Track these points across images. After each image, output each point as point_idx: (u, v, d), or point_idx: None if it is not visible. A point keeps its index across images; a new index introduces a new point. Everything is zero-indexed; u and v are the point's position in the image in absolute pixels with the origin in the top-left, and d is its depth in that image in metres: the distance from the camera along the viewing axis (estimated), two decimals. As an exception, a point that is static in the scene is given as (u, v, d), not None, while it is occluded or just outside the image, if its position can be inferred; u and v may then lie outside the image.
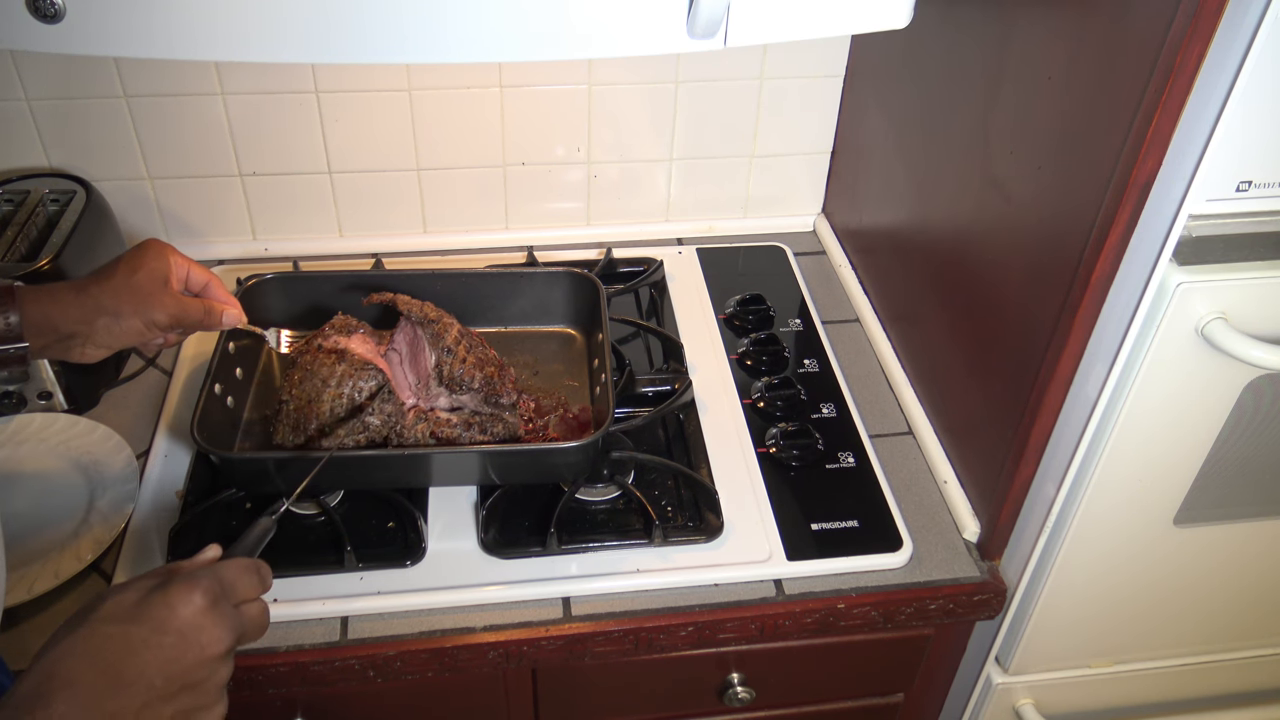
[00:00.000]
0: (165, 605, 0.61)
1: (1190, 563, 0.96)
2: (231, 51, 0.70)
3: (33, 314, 0.83)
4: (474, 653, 0.91)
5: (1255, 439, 0.87)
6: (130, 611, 0.60)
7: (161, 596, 0.61)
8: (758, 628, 0.95)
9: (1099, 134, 0.77)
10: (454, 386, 0.98)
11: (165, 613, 0.60)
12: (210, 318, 0.92)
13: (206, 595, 0.62)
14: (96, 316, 0.85)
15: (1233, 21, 0.66)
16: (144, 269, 0.88)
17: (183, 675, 0.60)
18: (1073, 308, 0.82)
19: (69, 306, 0.85)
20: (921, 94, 1.11)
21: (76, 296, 0.85)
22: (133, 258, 0.89)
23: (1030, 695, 1.07)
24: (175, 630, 0.60)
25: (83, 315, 0.85)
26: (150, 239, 0.92)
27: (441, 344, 0.99)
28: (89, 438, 1.05)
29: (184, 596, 0.61)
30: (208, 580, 0.63)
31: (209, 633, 0.61)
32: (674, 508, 1.02)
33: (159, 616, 0.60)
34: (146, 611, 0.60)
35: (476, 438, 0.97)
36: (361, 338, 1.02)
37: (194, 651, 0.61)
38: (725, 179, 1.39)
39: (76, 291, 0.86)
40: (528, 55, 0.73)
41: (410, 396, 0.99)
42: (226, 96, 1.20)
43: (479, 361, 1.00)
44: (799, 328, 1.25)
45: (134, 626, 0.59)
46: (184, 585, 0.61)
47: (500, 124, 1.28)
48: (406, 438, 0.96)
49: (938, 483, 1.06)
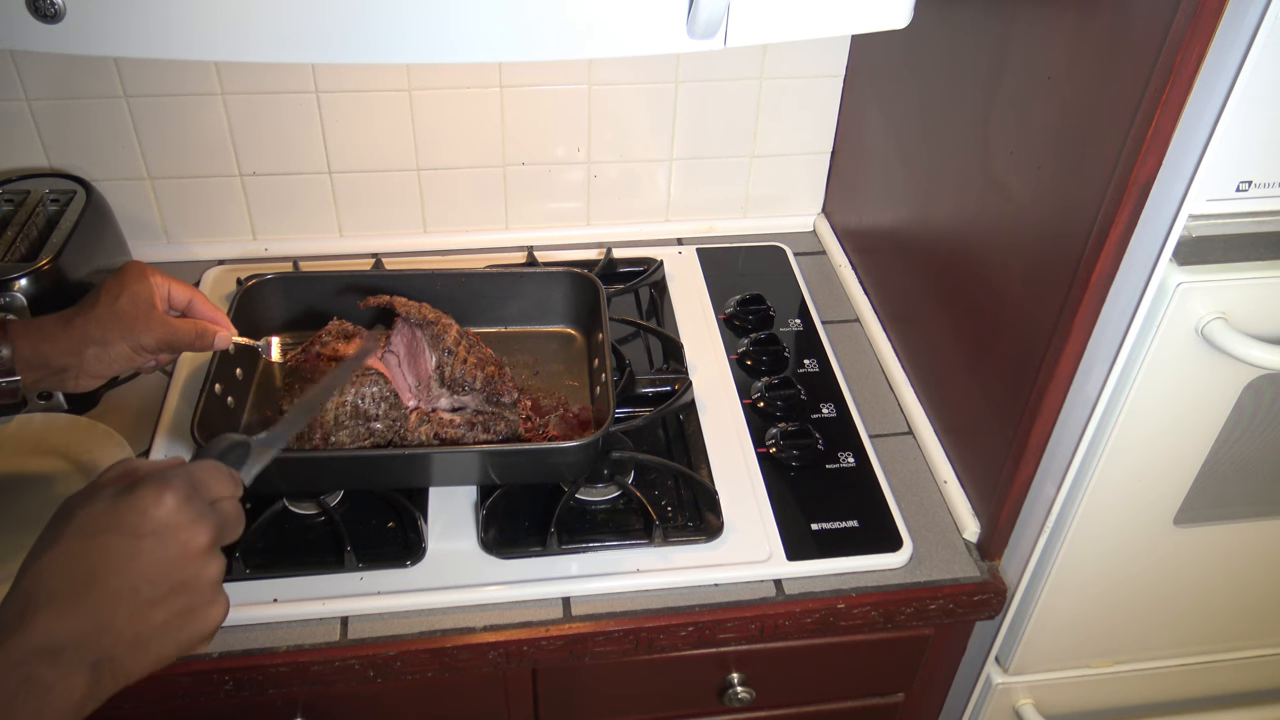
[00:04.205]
0: (136, 509, 0.59)
1: (1190, 563, 0.96)
2: (231, 51, 0.70)
3: (24, 350, 0.84)
4: (474, 653, 0.91)
5: (1255, 439, 0.87)
6: (101, 521, 0.58)
7: (130, 500, 0.59)
8: (758, 628, 0.95)
9: (1099, 134, 0.77)
10: (456, 387, 0.98)
11: (137, 517, 0.58)
12: (202, 340, 0.92)
13: (177, 494, 0.59)
14: (85, 347, 0.86)
15: (1233, 21, 0.66)
16: (126, 294, 0.88)
17: (167, 576, 0.58)
18: (1073, 308, 0.82)
19: (58, 340, 0.85)
20: (921, 94, 1.11)
21: (64, 329, 0.86)
22: (114, 284, 0.89)
23: (1030, 695, 1.07)
24: (150, 532, 0.58)
25: (71, 347, 0.85)
26: (129, 262, 0.92)
27: (442, 345, 0.99)
28: (89, 438, 1.05)
29: (154, 497, 0.59)
30: (177, 479, 0.60)
31: (186, 530, 0.59)
32: (674, 508, 1.02)
33: (131, 521, 0.58)
34: (118, 518, 0.58)
35: (480, 437, 0.97)
36: (360, 343, 1.02)
37: (173, 549, 0.59)
38: (725, 179, 1.39)
39: (63, 324, 0.86)
40: (528, 55, 0.73)
41: (411, 399, 0.99)
42: (226, 96, 1.21)
43: (480, 361, 1.00)
44: (799, 328, 1.25)
45: (108, 536, 0.58)
46: (153, 486, 0.59)
47: (500, 124, 1.28)
48: (410, 440, 0.96)
49: (938, 483, 1.06)
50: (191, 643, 0.60)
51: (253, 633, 0.90)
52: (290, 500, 0.99)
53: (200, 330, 0.92)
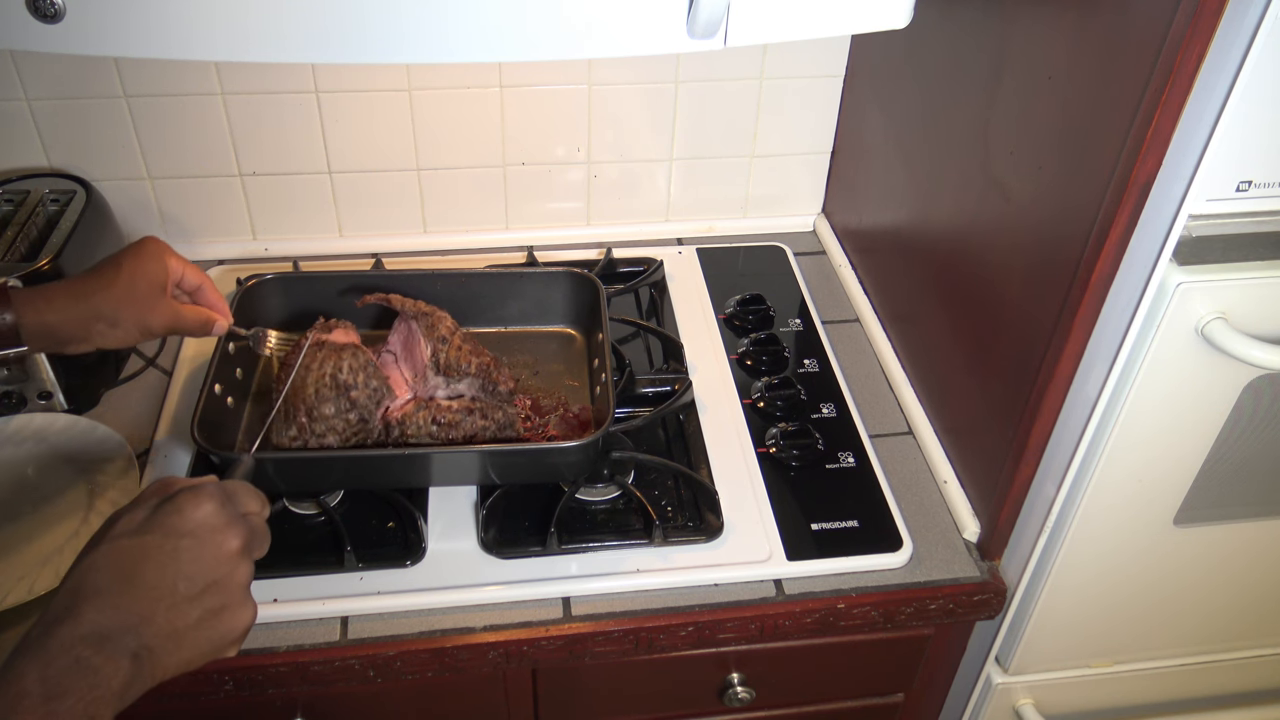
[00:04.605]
0: (176, 512, 0.63)
1: (1190, 563, 0.96)
2: (231, 51, 0.70)
3: (30, 321, 0.84)
4: (474, 653, 0.91)
5: (1255, 439, 0.87)
6: (143, 524, 0.63)
7: (171, 505, 0.64)
8: (758, 628, 0.95)
9: (1099, 134, 0.77)
10: (451, 372, 0.99)
11: (177, 519, 0.63)
12: (205, 328, 0.95)
13: (214, 499, 0.64)
14: (94, 323, 0.87)
15: (1233, 21, 0.66)
16: (142, 275, 0.89)
17: (203, 574, 0.62)
18: (1073, 308, 0.82)
19: (67, 312, 0.86)
20: (921, 94, 1.11)
21: (74, 303, 0.86)
22: (133, 264, 0.89)
23: (1030, 695, 1.07)
24: (189, 533, 0.63)
25: (80, 321, 0.86)
26: (149, 239, 0.92)
27: (436, 334, 1.00)
28: (89, 438, 1.05)
29: (193, 502, 0.64)
30: (213, 488, 0.65)
31: (221, 532, 0.64)
32: (674, 508, 1.02)
33: (171, 523, 0.63)
34: (159, 520, 0.63)
35: (478, 423, 0.98)
36: (343, 330, 1.03)
37: (210, 550, 0.63)
38: (725, 179, 1.39)
39: (73, 298, 0.87)
40: (528, 55, 0.73)
41: (408, 390, 1.00)
42: (226, 96, 1.20)
43: (474, 349, 1.01)
44: (799, 328, 1.25)
45: (149, 536, 0.62)
46: (191, 493, 0.64)
47: (500, 124, 1.28)
48: (408, 427, 0.96)
49: (938, 483, 1.06)
50: (223, 644, 0.64)
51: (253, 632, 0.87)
52: (290, 500, 0.99)
53: (205, 319, 0.95)
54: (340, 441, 0.95)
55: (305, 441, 0.94)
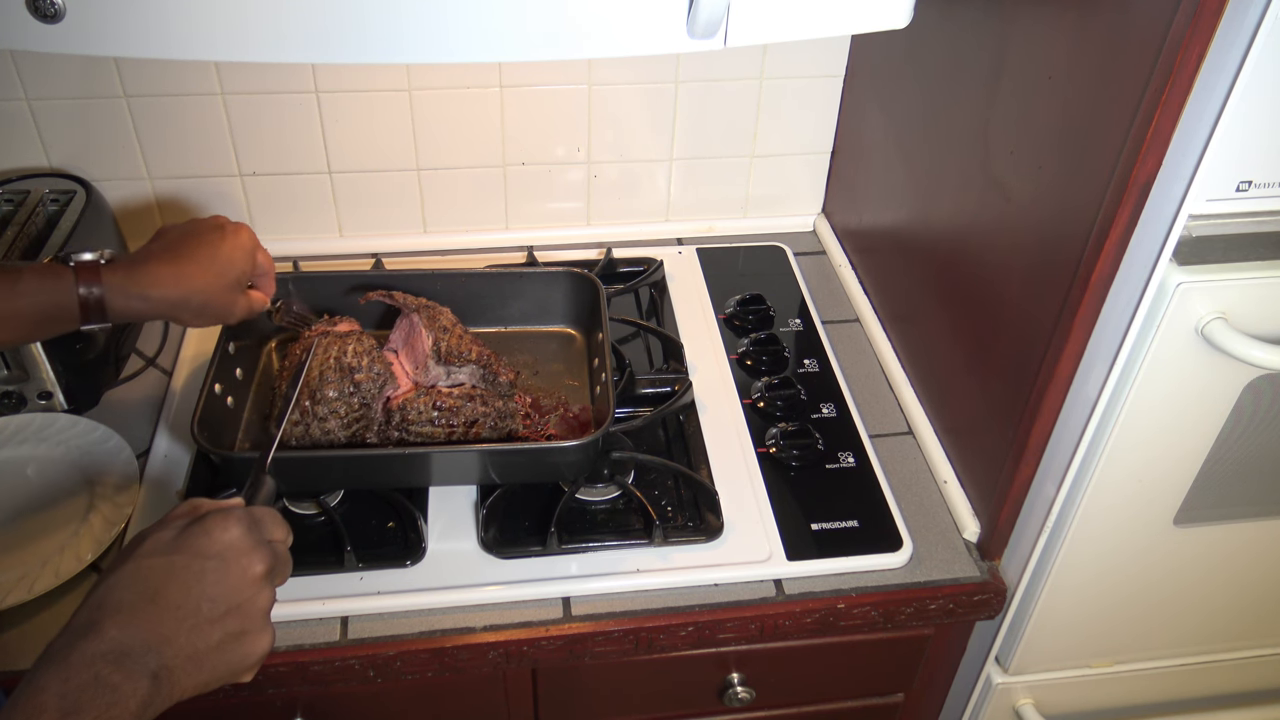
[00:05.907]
0: (204, 533, 0.64)
1: (1190, 563, 0.96)
2: (231, 51, 0.70)
3: (118, 304, 0.85)
4: (474, 653, 0.91)
5: (1255, 439, 0.87)
6: (170, 544, 0.64)
7: (199, 526, 0.64)
8: (758, 628, 0.95)
9: (1099, 133, 0.77)
10: (452, 359, 1.00)
11: (204, 540, 0.64)
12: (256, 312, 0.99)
13: (241, 523, 0.65)
14: (177, 313, 0.90)
15: (1233, 21, 0.66)
16: (233, 267, 0.91)
17: (227, 597, 0.63)
18: (1073, 308, 0.82)
19: (152, 301, 0.87)
20: (921, 94, 1.11)
21: (161, 290, 0.87)
22: (229, 253, 0.91)
23: (1030, 695, 1.07)
24: (215, 555, 0.63)
25: (163, 311, 0.89)
26: (244, 229, 0.94)
27: (437, 324, 1.01)
28: (89, 438, 1.05)
29: (220, 524, 0.64)
30: (241, 512, 0.66)
31: (247, 556, 0.64)
32: (674, 508, 1.02)
33: (199, 544, 0.63)
34: (186, 541, 0.64)
35: (479, 409, 0.98)
36: (347, 323, 1.04)
37: (235, 573, 0.63)
38: (725, 179, 1.39)
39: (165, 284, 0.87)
40: (528, 55, 0.73)
41: (408, 380, 1.00)
42: (226, 96, 1.21)
43: (474, 339, 1.03)
44: (799, 328, 1.25)
45: (176, 556, 0.63)
46: (219, 516, 0.65)
47: (500, 124, 1.28)
48: (409, 413, 0.96)
49: (938, 483, 1.06)
50: (240, 668, 0.64)
51: (253, 633, 0.90)
52: (290, 500, 0.99)
53: (262, 303, 0.99)
54: (342, 426, 0.95)
55: (307, 425, 0.95)
